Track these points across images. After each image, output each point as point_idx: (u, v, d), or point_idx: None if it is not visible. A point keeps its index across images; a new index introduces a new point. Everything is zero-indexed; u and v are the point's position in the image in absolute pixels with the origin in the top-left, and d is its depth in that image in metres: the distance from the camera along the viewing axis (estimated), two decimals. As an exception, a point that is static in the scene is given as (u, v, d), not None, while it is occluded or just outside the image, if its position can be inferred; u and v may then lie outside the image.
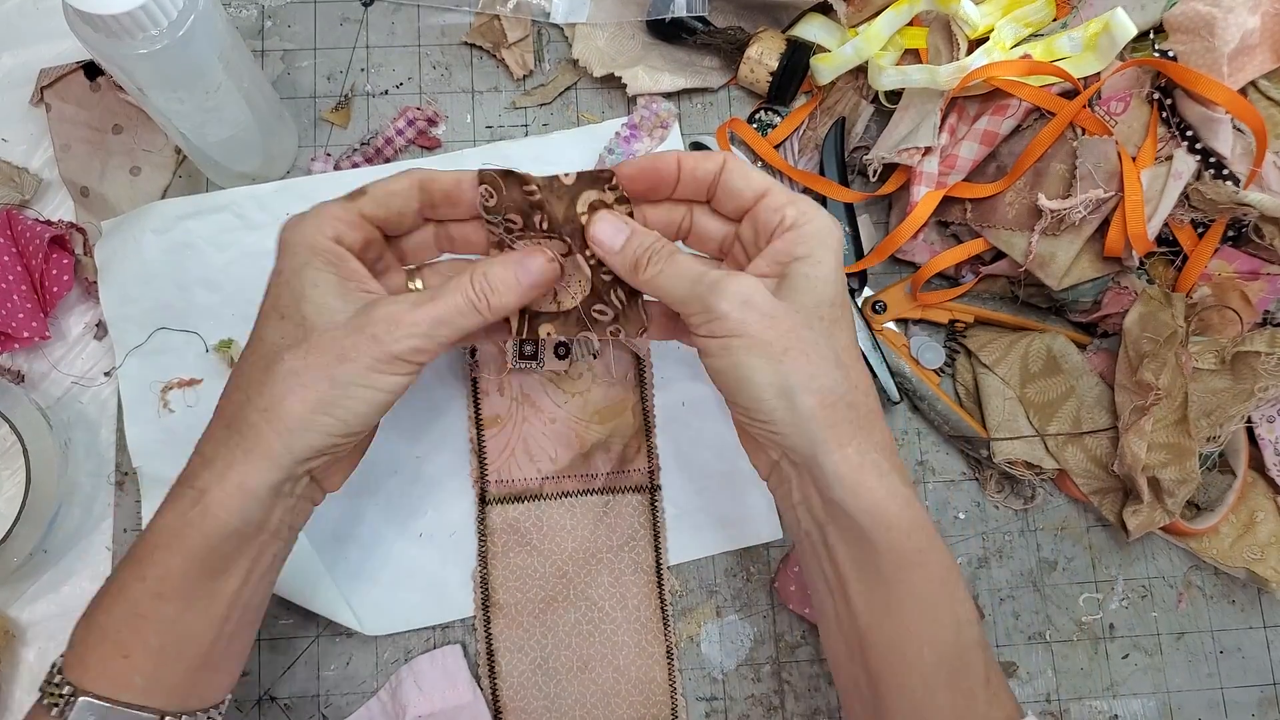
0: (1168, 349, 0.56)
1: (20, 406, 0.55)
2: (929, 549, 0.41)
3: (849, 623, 0.42)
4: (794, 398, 0.40)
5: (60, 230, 0.58)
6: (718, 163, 0.45)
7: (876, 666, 0.41)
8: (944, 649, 0.40)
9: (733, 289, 0.41)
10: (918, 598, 0.41)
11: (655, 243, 0.44)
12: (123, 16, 0.43)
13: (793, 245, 0.43)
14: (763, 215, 0.44)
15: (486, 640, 0.56)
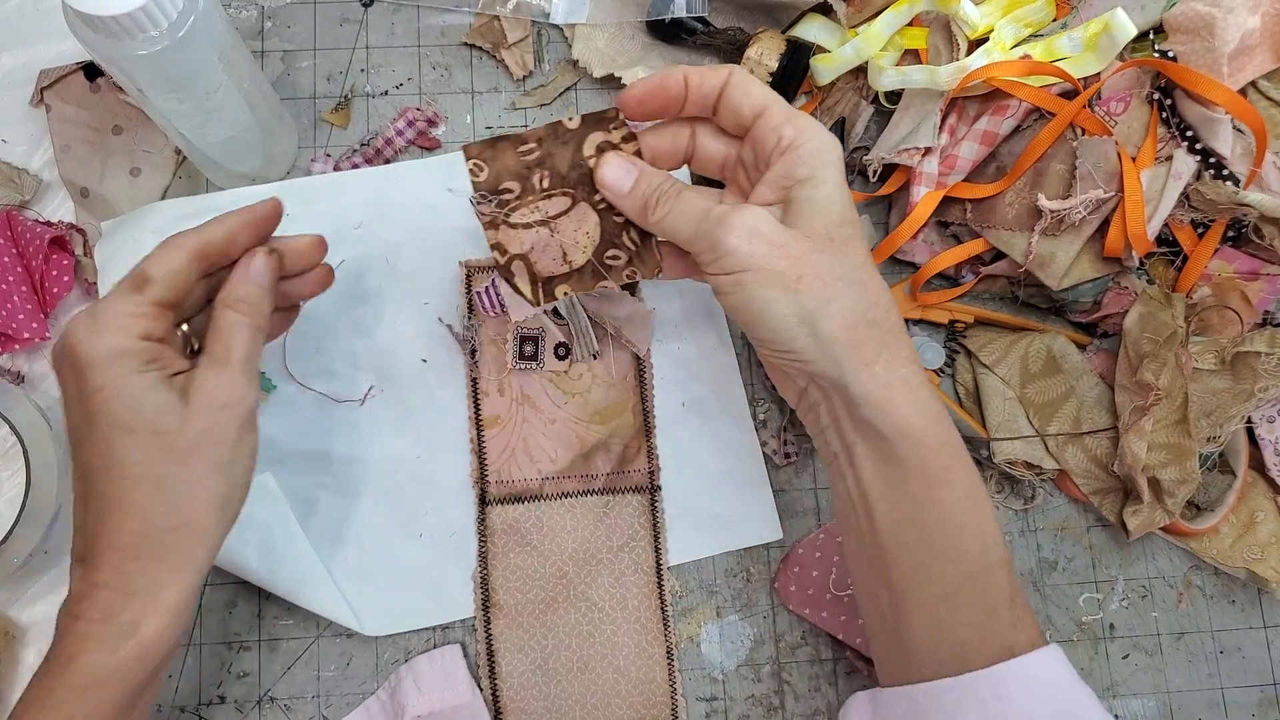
0: (1168, 349, 0.56)
1: (20, 407, 0.55)
2: (957, 466, 0.41)
3: (873, 540, 0.42)
4: (815, 324, 0.40)
5: (60, 231, 0.58)
6: (723, 76, 0.44)
7: (899, 583, 0.41)
8: (969, 566, 0.40)
9: (738, 223, 0.41)
10: (944, 514, 0.40)
11: (663, 183, 0.44)
12: (122, 17, 0.43)
13: (793, 167, 0.42)
14: (760, 134, 0.43)
15: (486, 641, 0.56)
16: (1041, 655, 0.40)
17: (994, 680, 0.39)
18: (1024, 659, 0.39)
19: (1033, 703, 0.39)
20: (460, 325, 0.60)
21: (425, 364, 0.60)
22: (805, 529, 0.60)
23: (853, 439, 0.42)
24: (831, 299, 0.40)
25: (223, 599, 0.57)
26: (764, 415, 0.61)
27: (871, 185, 0.62)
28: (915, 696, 0.41)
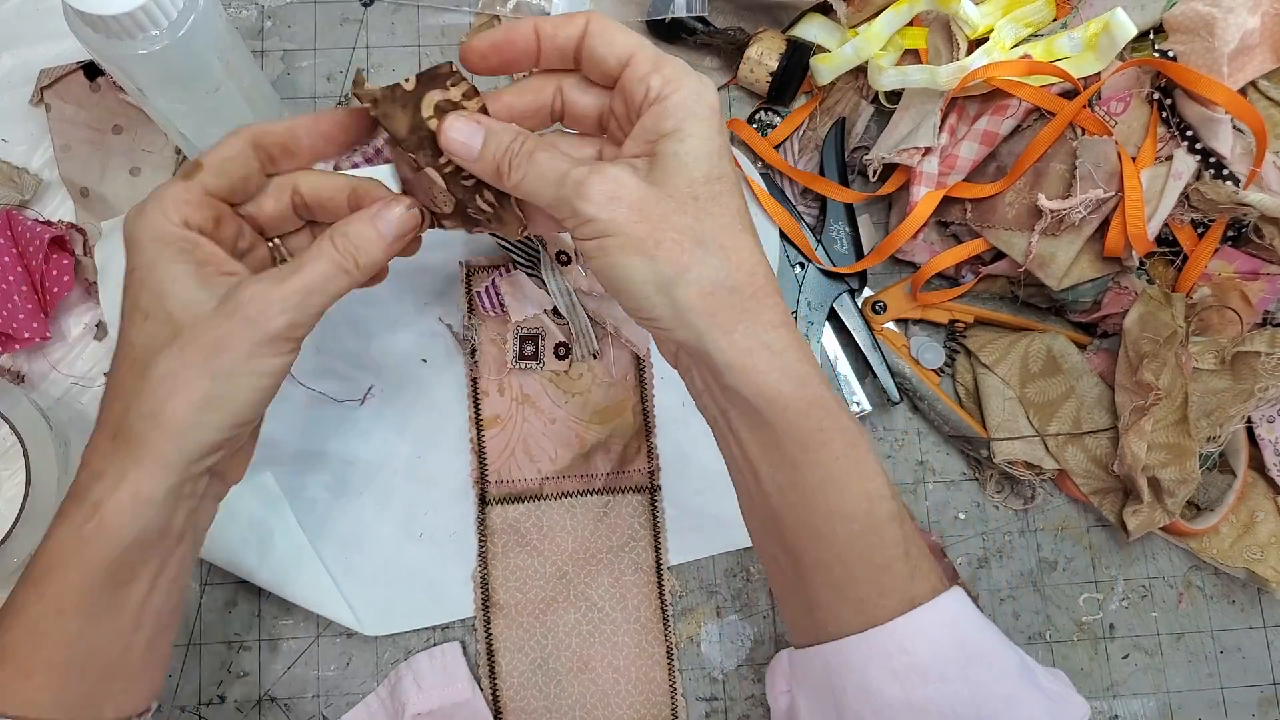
0: (1168, 349, 0.56)
1: (20, 407, 0.55)
2: (830, 427, 0.39)
3: (763, 503, 0.41)
4: (672, 292, 0.38)
5: (60, 231, 0.58)
6: (580, 25, 0.41)
7: (793, 544, 0.41)
8: (856, 525, 0.40)
9: (597, 188, 0.38)
10: (823, 476, 0.39)
11: (514, 141, 0.40)
12: (123, 17, 0.43)
13: (659, 120, 0.39)
14: (628, 86, 0.40)
15: (486, 640, 0.56)
16: (941, 602, 0.40)
17: (897, 633, 0.39)
18: (924, 608, 0.39)
19: (936, 650, 0.39)
20: (460, 325, 0.60)
21: (425, 364, 0.60)
22: (805, 529, 0.60)
23: (725, 405, 0.41)
24: (690, 265, 0.38)
25: (223, 599, 0.57)
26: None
27: (871, 185, 0.62)
28: (825, 655, 0.41)
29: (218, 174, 0.41)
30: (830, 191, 0.61)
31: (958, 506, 0.61)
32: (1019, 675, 0.40)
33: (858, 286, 0.61)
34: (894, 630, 0.39)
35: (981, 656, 0.40)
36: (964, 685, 0.39)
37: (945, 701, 0.38)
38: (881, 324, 0.61)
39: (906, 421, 0.62)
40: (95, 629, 0.39)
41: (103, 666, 0.40)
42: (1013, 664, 0.41)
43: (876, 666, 0.39)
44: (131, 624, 0.40)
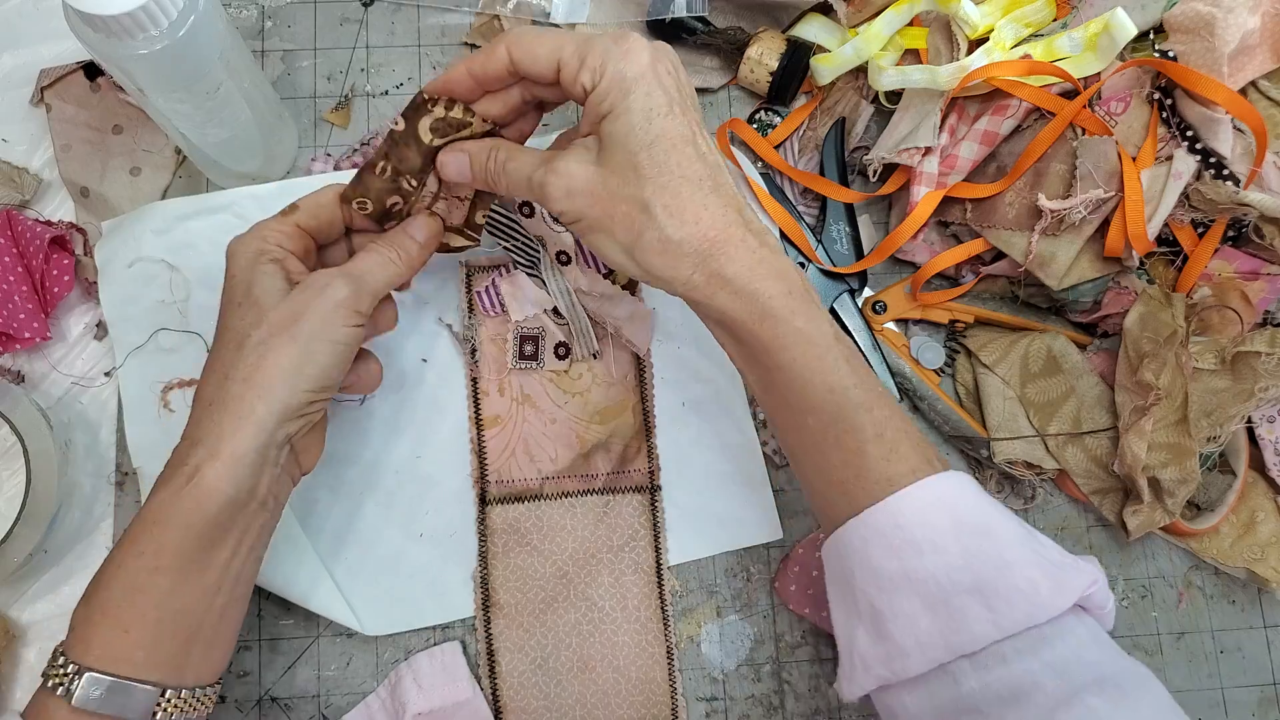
0: (1168, 349, 0.56)
1: (20, 407, 0.55)
2: (784, 334, 0.44)
3: (762, 404, 0.49)
4: (635, 256, 0.44)
5: (60, 231, 0.58)
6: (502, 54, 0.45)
7: (784, 438, 0.48)
8: (823, 416, 0.44)
9: (554, 184, 0.44)
10: (788, 376, 0.44)
11: (489, 157, 0.47)
12: (123, 17, 0.43)
13: (597, 104, 0.43)
14: (568, 89, 0.45)
15: (487, 640, 0.56)
16: (933, 480, 0.43)
17: (890, 510, 0.42)
18: (916, 485, 0.42)
19: (929, 523, 0.42)
20: (460, 325, 0.60)
21: (425, 363, 0.60)
22: (805, 529, 0.60)
23: (710, 325, 0.47)
24: (641, 231, 0.43)
25: (223, 598, 0.57)
26: (764, 415, 0.61)
27: (872, 185, 0.62)
28: (837, 543, 0.45)
29: (310, 215, 0.50)
30: (830, 191, 0.61)
31: (958, 506, 0.61)
32: (1019, 543, 0.42)
33: (858, 286, 0.61)
34: (887, 508, 0.42)
35: (977, 527, 0.42)
36: (958, 554, 0.41)
37: (940, 570, 0.41)
38: (881, 324, 0.61)
39: (907, 421, 0.62)
40: (185, 588, 0.43)
41: (189, 627, 0.44)
42: (1013, 534, 0.43)
43: (876, 545, 0.43)
44: (214, 585, 0.44)
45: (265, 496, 0.45)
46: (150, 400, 0.58)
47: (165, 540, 0.43)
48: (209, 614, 0.45)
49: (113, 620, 0.42)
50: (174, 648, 0.43)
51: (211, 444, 0.43)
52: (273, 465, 0.45)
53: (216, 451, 0.43)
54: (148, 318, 0.59)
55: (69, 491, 0.57)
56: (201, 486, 0.43)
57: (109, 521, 0.58)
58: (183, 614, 0.43)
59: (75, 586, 0.57)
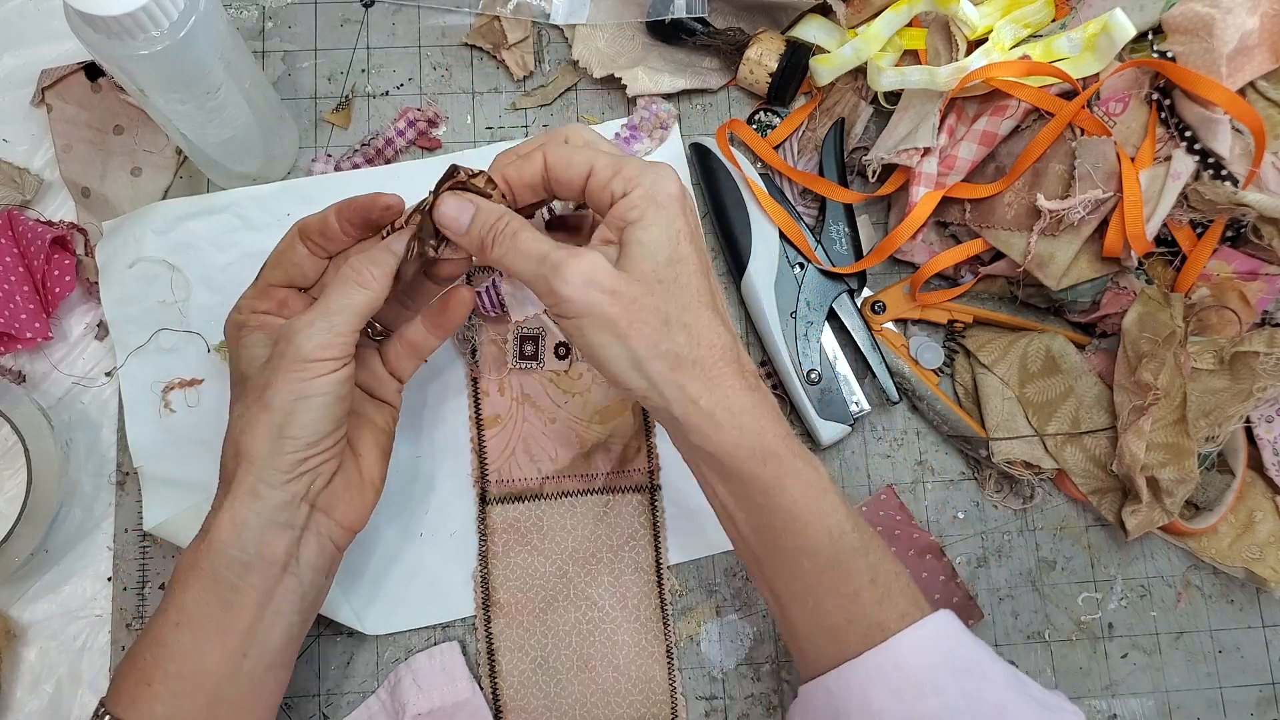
0: (1166, 349, 0.56)
1: (21, 407, 0.55)
2: (785, 472, 0.43)
3: (744, 546, 0.46)
4: (643, 367, 0.43)
5: (62, 231, 0.59)
6: (539, 163, 0.45)
7: (772, 581, 0.46)
8: (820, 559, 0.43)
9: (574, 271, 0.42)
10: (785, 517, 0.43)
11: (499, 220, 0.44)
12: (124, 18, 0.43)
13: (625, 211, 0.43)
14: (594, 196, 0.45)
15: (487, 640, 0.57)
16: (929, 621, 0.43)
17: (891, 652, 0.42)
18: (915, 626, 0.43)
19: (928, 665, 0.42)
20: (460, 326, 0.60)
21: (425, 363, 0.60)
22: (805, 528, 0.60)
23: (697, 460, 0.46)
24: (657, 343, 0.42)
25: (223, 598, 0.57)
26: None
27: (871, 185, 0.62)
28: (827, 685, 0.44)
29: (274, 268, 0.49)
30: (829, 192, 0.61)
31: (957, 506, 0.61)
32: (1009, 685, 0.43)
33: (857, 286, 0.61)
34: (889, 650, 0.42)
35: (970, 668, 0.43)
36: (958, 696, 0.42)
37: (943, 712, 0.41)
38: (881, 324, 0.61)
39: (906, 421, 0.62)
40: (205, 646, 0.44)
41: (210, 688, 0.44)
42: (1003, 675, 0.43)
43: (877, 688, 0.42)
44: (239, 648, 0.45)
45: (283, 559, 0.45)
46: (151, 400, 0.58)
47: (184, 598, 0.44)
48: (236, 678, 0.45)
49: (139, 673, 0.44)
50: (195, 707, 0.44)
51: (218, 510, 0.45)
52: (286, 528, 0.45)
53: (219, 516, 0.44)
54: (148, 318, 0.59)
55: (70, 491, 0.57)
56: (210, 545, 0.44)
57: (110, 521, 0.58)
58: (204, 673, 0.44)
59: (76, 586, 0.57)
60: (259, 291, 0.49)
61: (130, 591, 0.57)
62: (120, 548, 0.58)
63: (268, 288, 0.49)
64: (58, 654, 0.56)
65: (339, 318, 0.44)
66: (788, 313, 0.60)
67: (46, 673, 0.56)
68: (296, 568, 0.46)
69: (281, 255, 0.49)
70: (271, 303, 0.49)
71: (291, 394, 0.44)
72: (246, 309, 0.49)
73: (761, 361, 0.62)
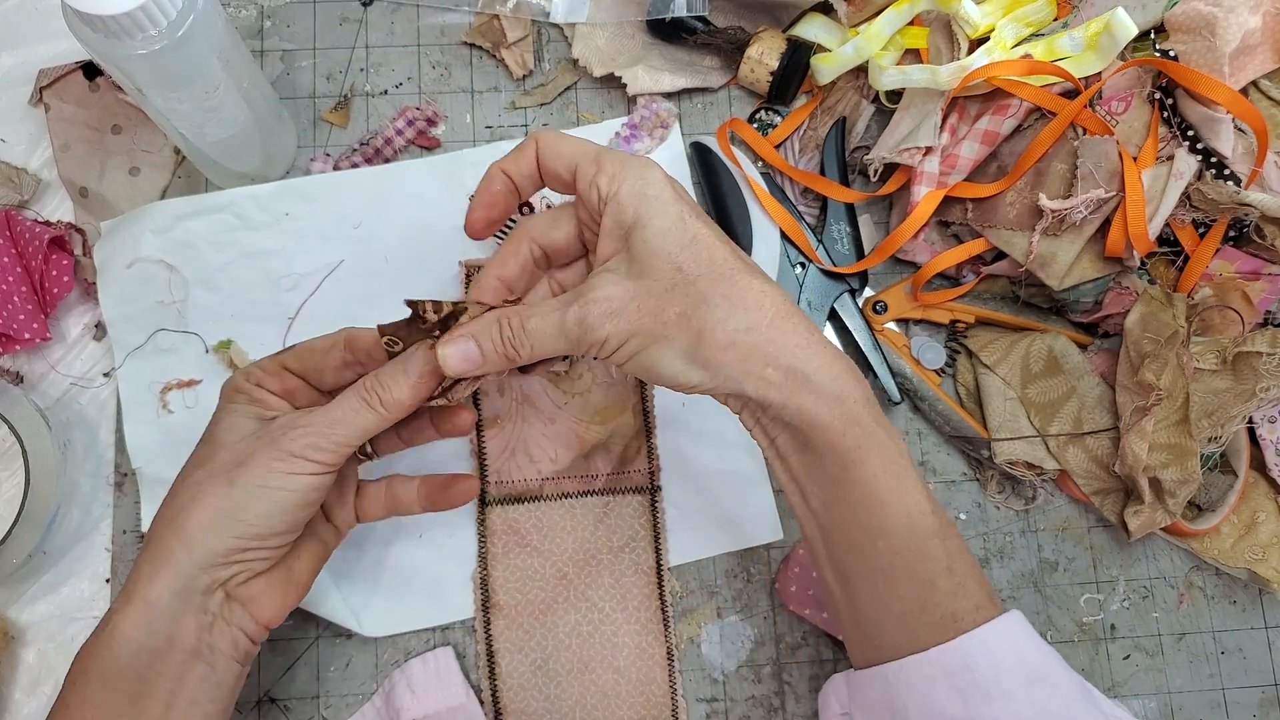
0: (1169, 349, 0.55)
1: (19, 407, 0.55)
2: (867, 444, 0.41)
3: (812, 523, 0.44)
4: (698, 358, 0.41)
5: (60, 231, 0.58)
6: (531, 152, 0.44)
7: (841, 561, 0.43)
8: (897, 540, 0.41)
9: (594, 313, 0.40)
10: (863, 492, 0.41)
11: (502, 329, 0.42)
12: (121, 17, 0.43)
13: (618, 215, 0.42)
14: (582, 193, 0.43)
15: (486, 641, 0.56)
16: (1004, 621, 0.41)
17: (960, 651, 0.40)
18: (987, 626, 0.41)
19: (999, 668, 0.40)
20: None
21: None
22: (806, 529, 0.60)
23: (775, 432, 0.43)
24: (702, 329, 0.40)
25: (222, 599, 0.57)
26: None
27: (872, 185, 0.61)
28: (886, 675, 0.42)
29: (298, 357, 0.47)
30: (831, 191, 0.61)
31: (959, 507, 0.61)
32: (1080, 698, 0.41)
33: (858, 286, 0.61)
34: (958, 648, 0.40)
35: (1044, 677, 0.41)
36: (1026, 704, 0.40)
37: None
38: (882, 324, 0.61)
39: (907, 421, 0.62)
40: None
41: None
42: (1074, 687, 0.41)
43: (940, 685, 0.40)
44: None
45: (195, 646, 0.42)
46: (149, 401, 0.58)
47: (87, 692, 0.41)
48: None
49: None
50: None
51: (129, 589, 0.42)
52: (199, 612, 0.42)
53: (130, 597, 0.41)
54: (146, 318, 0.59)
55: (68, 492, 0.57)
56: (113, 634, 0.41)
57: (108, 522, 0.58)
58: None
59: (74, 588, 0.57)
60: (273, 368, 0.47)
61: (128, 593, 0.57)
62: (118, 549, 0.57)
63: (282, 370, 0.47)
64: (56, 655, 0.56)
65: (340, 429, 0.43)
66: (789, 313, 0.60)
67: (44, 674, 0.56)
68: (210, 655, 0.43)
69: (314, 351, 0.47)
70: (280, 385, 0.47)
71: (261, 480, 0.42)
72: (254, 378, 0.46)
73: (762, 362, 0.62)
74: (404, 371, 0.43)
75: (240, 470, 0.42)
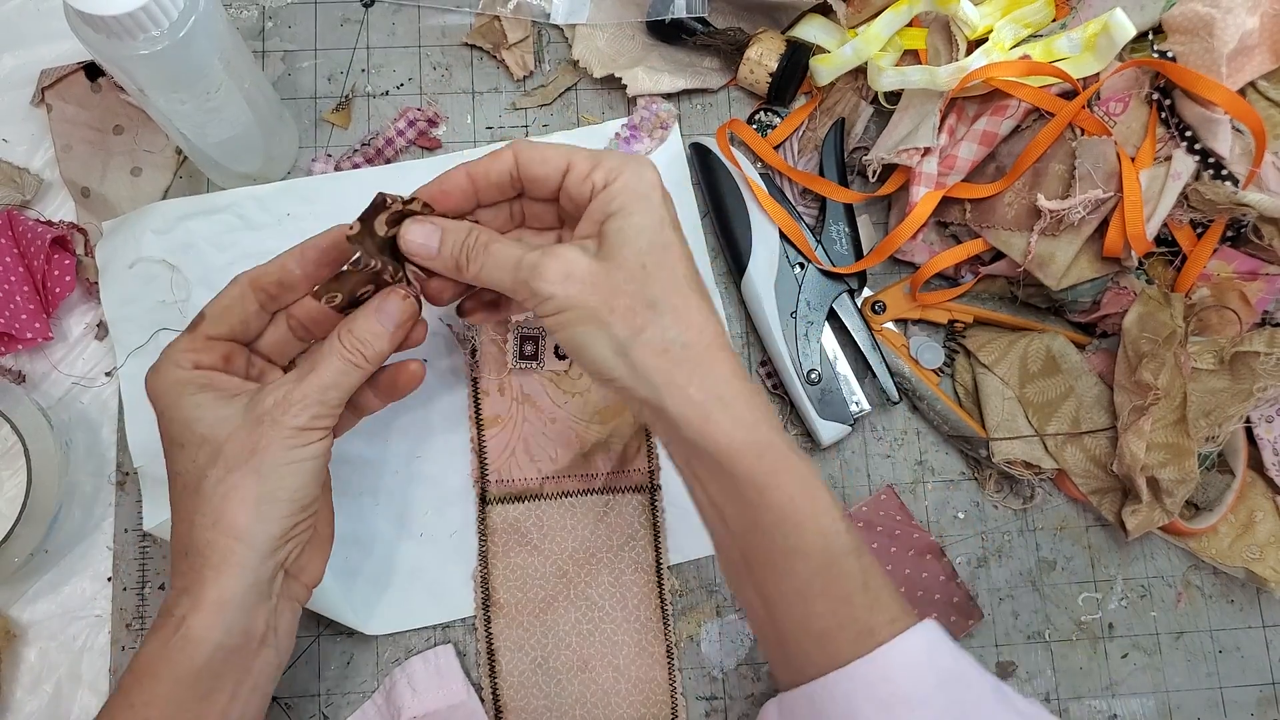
0: (1166, 349, 0.56)
1: (21, 407, 0.55)
2: (781, 469, 0.42)
3: (731, 546, 0.44)
4: (629, 353, 0.42)
5: (62, 231, 0.59)
6: (508, 159, 0.45)
7: (761, 583, 0.43)
8: (815, 560, 0.42)
9: (552, 268, 0.42)
10: (779, 516, 0.42)
11: (469, 236, 0.44)
12: (124, 17, 0.43)
13: (606, 204, 0.43)
14: (573, 189, 0.44)
15: (487, 640, 0.57)
16: (918, 631, 0.42)
17: (879, 664, 0.41)
18: (902, 637, 0.41)
19: (916, 677, 0.41)
20: (460, 325, 0.60)
21: (425, 363, 0.60)
22: (805, 528, 0.60)
23: (687, 455, 0.44)
24: (643, 327, 0.41)
25: (223, 598, 0.57)
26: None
27: (871, 185, 0.62)
28: (811, 695, 0.42)
29: (217, 321, 0.46)
30: (830, 192, 0.61)
31: (957, 506, 0.61)
32: (994, 697, 0.42)
33: (857, 286, 0.61)
34: (875, 661, 0.41)
35: (957, 680, 0.42)
36: (941, 706, 0.40)
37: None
38: (881, 324, 0.61)
39: (906, 421, 0.62)
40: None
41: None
42: (989, 688, 0.42)
43: (863, 699, 0.41)
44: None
45: (264, 634, 0.44)
46: (151, 400, 0.58)
47: (156, 692, 0.42)
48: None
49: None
50: None
51: (195, 593, 0.42)
52: (266, 599, 0.44)
53: (200, 601, 0.42)
54: (148, 318, 0.59)
55: (70, 491, 0.57)
56: (189, 638, 0.42)
57: (110, 521, 0.58)
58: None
59: (76, 587, 0.57)
60: (197, 344, 0.46)
61: (130, 592, 0.57)
62: (120, 548, 0.58)
63: (207, 340, 0.46)
64: (57, 654, 0.56)
65: (334, 393, 0.44)
66: (788, 313, 0.60)
67: (46, 673, 0.56)
68: (274, 639, 0.45)
69: (228, 309, 0.47)
70: (214, 356, 0.46)
71: (284, 459, 0.43)
72: (187, 362, 0.45)
73: (762, 361, 0.62)
74: (381, 325, 0.45)
75: (258, 458, 0.42)
